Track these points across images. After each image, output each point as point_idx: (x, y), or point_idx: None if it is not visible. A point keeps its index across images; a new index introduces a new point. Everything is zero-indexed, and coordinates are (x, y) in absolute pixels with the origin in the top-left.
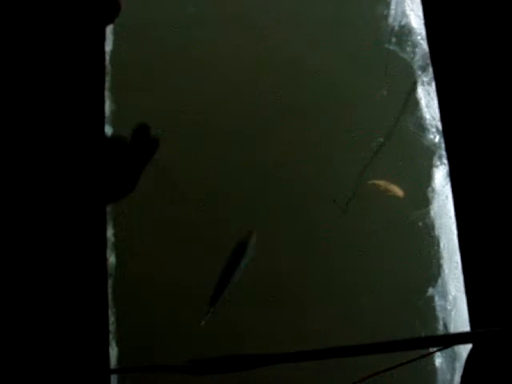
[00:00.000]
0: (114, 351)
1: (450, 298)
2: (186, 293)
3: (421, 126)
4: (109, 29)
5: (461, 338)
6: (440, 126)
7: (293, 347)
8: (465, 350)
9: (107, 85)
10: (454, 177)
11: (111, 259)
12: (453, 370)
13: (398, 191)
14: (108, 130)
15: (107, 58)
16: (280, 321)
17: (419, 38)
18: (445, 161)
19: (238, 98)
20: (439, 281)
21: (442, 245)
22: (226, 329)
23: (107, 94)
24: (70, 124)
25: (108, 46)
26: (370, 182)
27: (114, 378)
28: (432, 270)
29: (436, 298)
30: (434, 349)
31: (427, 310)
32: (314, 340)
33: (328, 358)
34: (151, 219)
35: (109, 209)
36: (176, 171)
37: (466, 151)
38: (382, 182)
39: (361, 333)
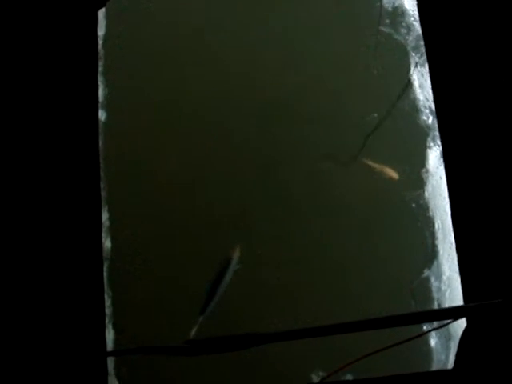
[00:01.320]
0: (110, 334)
1: (445, 278)
2: (182, 276)
3: (415, 108)
4: (101, 12)
5: (454, 313)
6: (434, 108)
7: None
8: (459, 329)
9: (100, 69)
10: (448, 158)
11: (106, 243)
12: (447, 349)
13: (393, 173)
14: (102, 115)
15: (100, 42)
16: (275, 302)
17: (412, 19)
18: (438, 142)
19: (234, 84)
20: (434, 261)
21: (436, 225)
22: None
23: (100, 78)
24: (63, 110)
25: (101, 30)
26: (365, 164)
27: (110, 361)
28: (427, 251)
29: (431, 279)
30: (429, 328)
31: (422, 291)
32: (307, 321)
33: (323, 336)
34: (146, 203)
35: (104, 194)
36: (172, 156)
37: (460, 132)
38: (376, 165)
39: (355, 314)
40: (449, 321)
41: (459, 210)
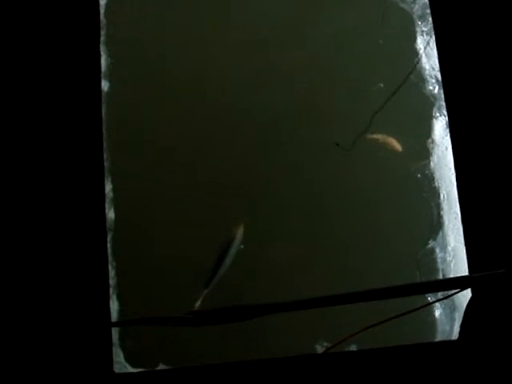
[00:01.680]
0: (114, 305)
1: (450, 249)
2: (186, 247)
3: (420, 77)
4: None
5: (457, 283)
6: (440, 77)
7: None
8: (464, 300)
9: (102, 39)
10: (454, 128)
11: (110, 214)
12: (452, 320)
13: (397, 145)
14: (105, 85)
15: (101, 11)
16: (277, 277)
17: None
18: (444, 112)
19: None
20: (439, 232)
21: (441, 196)
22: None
23: (103, 48)
24: (65, 80)
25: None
26: (368, 136)
27: (114, 331)
28: (432, 222)
29: (436, 250)
30: (433, 299)
31: (427, 262)
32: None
33: (326, 306)
34: (150, 174)
35: (107, 164)
36: (175, 126)
37: (466, 102)
38: (379, 136)
39: (360, 286)
40: (453, 291)
41: (465, 180)
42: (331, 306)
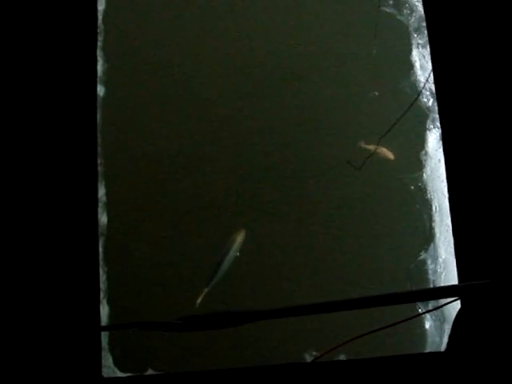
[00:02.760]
0: (104, 309)
1: (441, 260)
2: (178, 251)
3: (415, 89)
4: None
5: (443, 292)
6: (434, 89)
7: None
8: (454, 312)
9: (99, 44)
10: (447, 140)
11: (102, 219)
12: (442, 331)
13: (388, 154)
14: (100, 90)
15: (100, 16)
16: (270, 286)
17: (415, 0)
18: (438, 124)
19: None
20: (431, 244)
21: (434, 208)
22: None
23: (99, 53)
24: (62, 85)
25: (100, 5)
26: (359, 146)
27: (104, 335)
28: (424, 234)
29: (427, 261)
30: (424, 310)
31: (419, 273)
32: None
33: (315, 313)
34: (144, 179)
35: (101, 169)
36: (172, 133)
37: (459, 115)
38: (371, 146)
39: (352, 295)
40: (443, 303)
41: (457, 192)
42: (320, 314)
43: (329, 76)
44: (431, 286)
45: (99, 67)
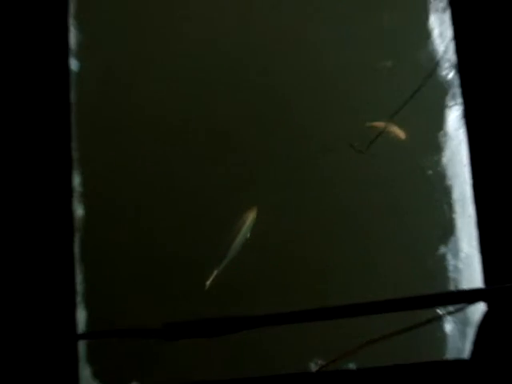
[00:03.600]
0: (81, 315)
1: (463, 255)
2: (162, 249)
3: (432, 60)
4: None
5: (468, 296)
6: (454, 60)
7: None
8: (478, 313)
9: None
10: (469, 119)
11: (78, 211)
12: (465, 336)
13: (400, 133)
14: (73, 65)
15: None
16: (285, 281)
17: None
18: (459, 100)
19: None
20: (451, 237)
21: (454, 196)
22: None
23: (72, 22)
24: (30, 58)
25: None
26: (368, 125)
27: (81, 344)
28: (443, 225)
29: (447, 257)
30: (444, 312)
31: (437, 270)
32: (314, 301)
33: (319, 320)
34: (126, 166)
35: (76, 154)
36: (153, 110)
37: (483, 89)
38: (380, 124)
39: (363, 296)
40: (465, 304)
41: (481, 178)
42: (328, 320)
43: (332, 43)
44: (452, 284)
45: (72, 38)
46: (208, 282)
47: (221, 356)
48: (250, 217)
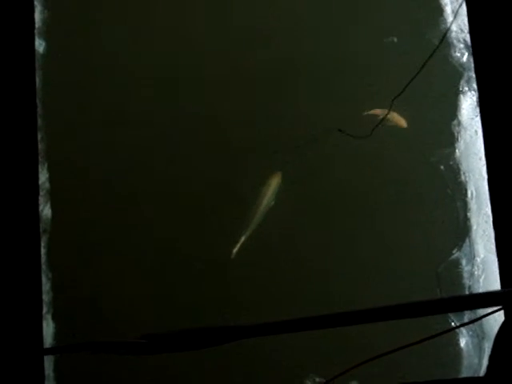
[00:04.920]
0: (48, 327)
1: (479, 260)
2: (138, 252)
3: (445, 41)
4: None
5: (485, 300)
6: (469, 40)
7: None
8: (496, 325)
9: None
10: (486, 107)
11: (45, 211)
12: (481, 351)
13: (400, 120)
14: (39, 45)
15: None
16: (291, 286)
17: None
18: (474, 86)
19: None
20: (466, 239)
21: (469, 193)
22: (189, 296)
23: None
24: None
25: None
26: (366, 114)
27: (48, 360)
28: (457, 226)
29: (462, 262)
30: (458, 324)
31: (451, 277)
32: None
33: (318, 328)
34: (98, 158)
35: (42, 147)
36: (128, 95)
37: (501, 74)
38: (378, 111)
39: (370, 303)
40: (481, 314)
41: (498, 174)
42: (325, 329)
43: (336, 22)
44: (467, 292)
45: (37, 15)
46: (235, 250)
47: (208, 371)
48: (275, 183)
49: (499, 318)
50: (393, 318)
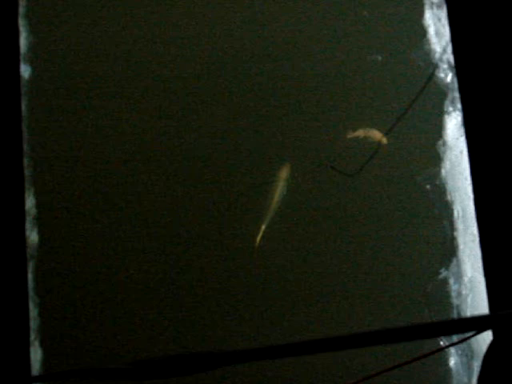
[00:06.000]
0: (36, 353)
1: (466, 280)
2: (126, 278)
3: (429, 62)
4: None
5: (476, 323)
6: (453, 61)
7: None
8: (484, 345)
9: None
10: (470, 126)
11: (32, 237)
12: (470, 369)
13: (379, 136)
14: (25, 71)
15: None
16: (272, 310)
17: None
18: (459, 106)
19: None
20: (453, 259)
21: (455, 213)
22: (181, 323)
23: (22, 22)
24: None
25: None
26: (349, 135)
27: None
28: (444, 245)
29: (449, 281)
30: (447, 343)
31: (439, 296)
32: (303, 331)
33: (306, 354)
34: (84, 184)
35: (28, 172)
36: (113, 121)
37: (485, 94)
38: (360, 131)
39: (354, 326)
40: (470, 334)
41: (484, 193)
42: (316, 354)
43: (322, 43)
44: (455, 312)
45: (22, 41)
46: (258, 238)
47: None
48: (284, 174)
49: (487, 337)
50: (381, 344)
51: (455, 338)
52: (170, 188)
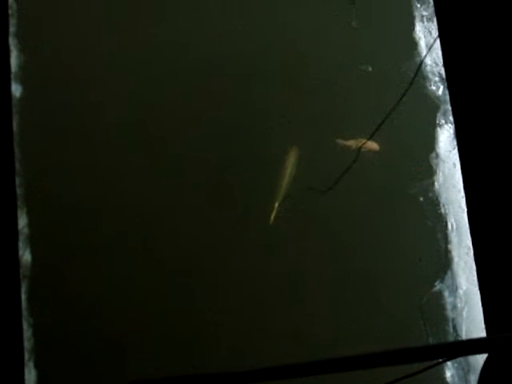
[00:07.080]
0: (30, 375)
1: (461, 292)
2: (122, 296)
3: (420, 74)
4: None
5: (472, 347)
6: (444, 74)
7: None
8: (481, 358)
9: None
10: (462, 139)
11: (25, 256)
12: (466, 383)
13: (372, 145)
14: (16, 90)
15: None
16: (265, 325)
17: None
18: (451, 118)
19: None
20: (447, 272)
21: (449, 225)
22: (181, 341)
23: (13, 41)
24: None
25: None
26: (340, 146)
27: None
28: (438, 258)
29: (444, 294)
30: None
31: (434, 309)
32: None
33: (304, 376)
34: (78, 203)
35: (21, 191)
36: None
37: (477, 106)
38: (352, 142)
39: (349, 340)
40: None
41: (477, 205)
42: (313, 376)
43: (311, 54)
44: (450, 325)
45: (13, 60)
46: (272, 216)
47: None
48: (292, 156)
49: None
50: (378, 366)
51: None
52: (168, 200)
